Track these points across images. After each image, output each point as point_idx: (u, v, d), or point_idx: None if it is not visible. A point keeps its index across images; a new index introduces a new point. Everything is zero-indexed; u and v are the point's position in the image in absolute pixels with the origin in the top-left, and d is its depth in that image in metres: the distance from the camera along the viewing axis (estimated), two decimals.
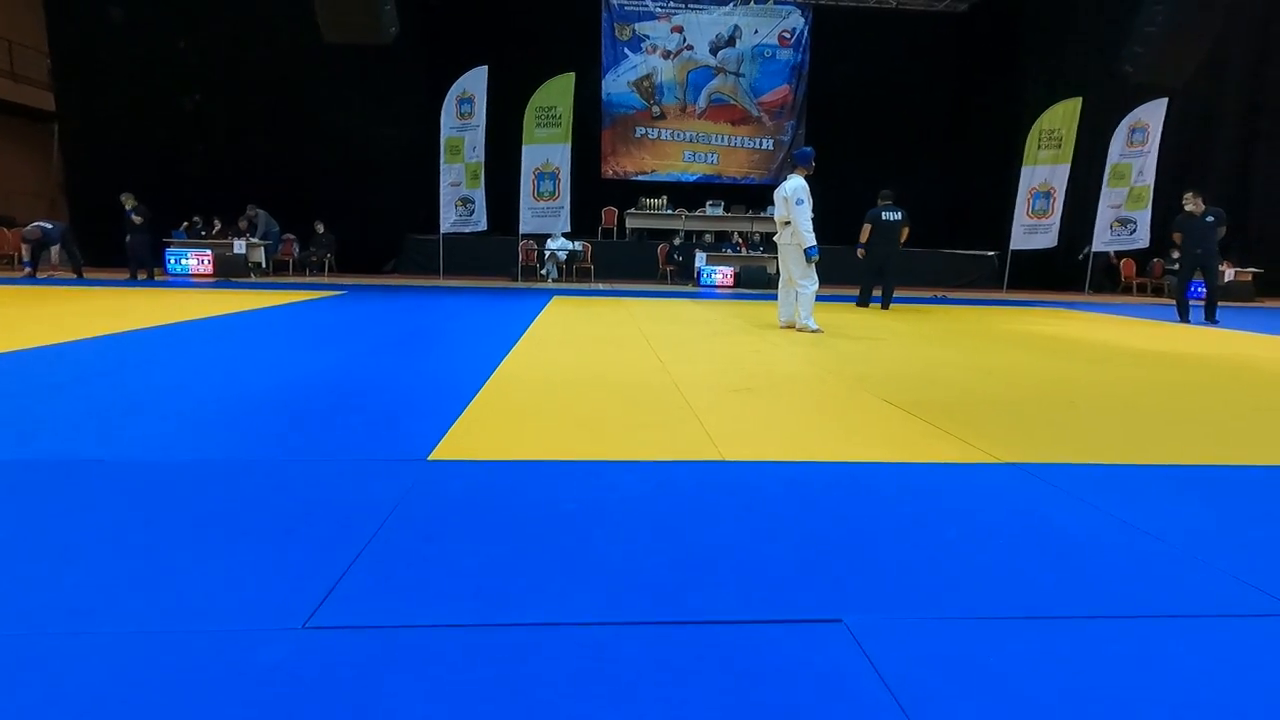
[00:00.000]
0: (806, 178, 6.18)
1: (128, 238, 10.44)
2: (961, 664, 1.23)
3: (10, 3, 15.99)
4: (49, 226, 10.96)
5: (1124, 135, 12.51)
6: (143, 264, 10.54)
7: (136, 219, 10.37)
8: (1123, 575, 1.61)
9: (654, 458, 2.38)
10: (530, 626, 1.32)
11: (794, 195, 6.03)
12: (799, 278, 6.21)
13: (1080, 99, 12.34)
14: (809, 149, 6.46)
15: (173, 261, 11.42)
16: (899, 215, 8.61)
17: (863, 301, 9.18)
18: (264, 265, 12.17)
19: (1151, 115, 12.27)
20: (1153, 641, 1.33)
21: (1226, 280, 12.77)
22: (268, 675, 1.15)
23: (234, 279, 11.08)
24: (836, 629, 1.33)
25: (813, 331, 6.02)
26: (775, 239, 6.49)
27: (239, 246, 11.65)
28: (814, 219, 6.19)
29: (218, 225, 12.26)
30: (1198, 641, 1.33)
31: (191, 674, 1.15)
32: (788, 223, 6.17)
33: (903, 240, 8.78)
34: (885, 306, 8.90)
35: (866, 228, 8.70)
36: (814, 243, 6.08)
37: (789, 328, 6.31)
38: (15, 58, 16.29)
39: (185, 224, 12.06)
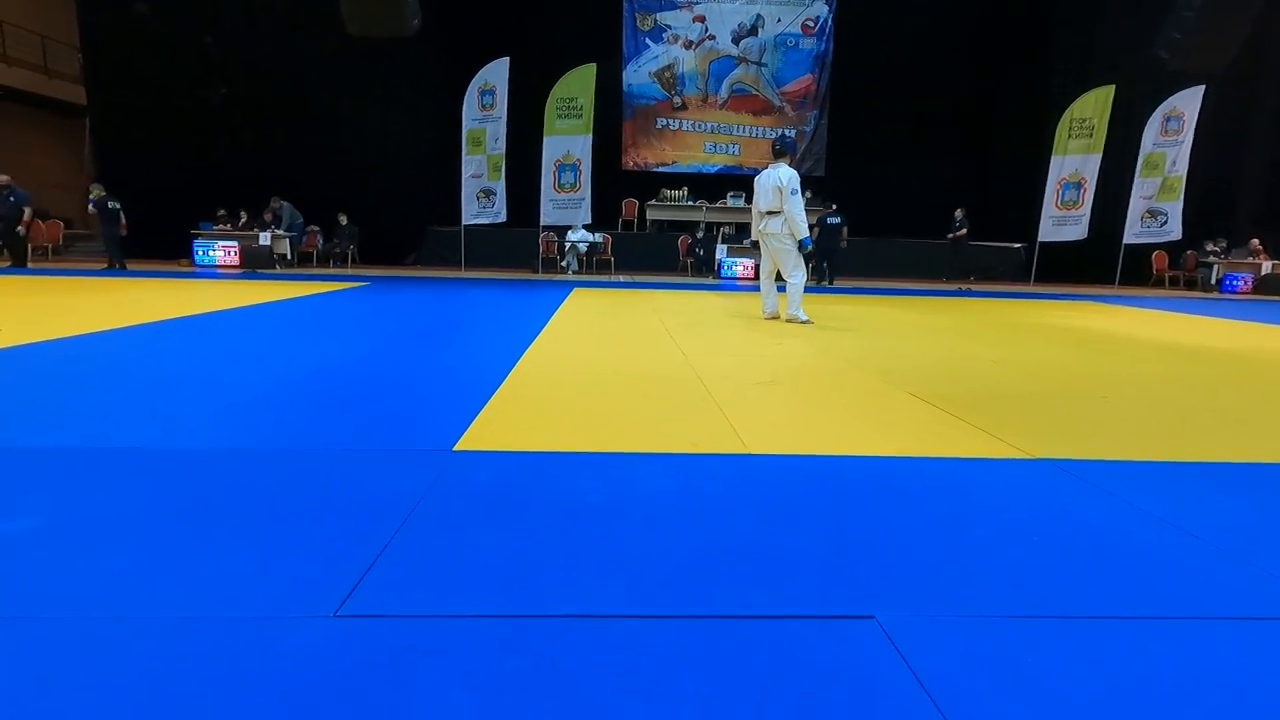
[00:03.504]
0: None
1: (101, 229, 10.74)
2: (997, 664, 1.21)
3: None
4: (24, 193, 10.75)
5: (1158, 124, 12.18)
6: (114, 255, 10.72)
7: (92, 210, 10.64)
8: (1159, 574, 1.57)
9: (678, 450, 2.37)
10: (560, 618, 1.31)
11: (789, 185, 5.87)
12: (790, 268, 6.11)
13: (1113, 86, 12.03)
14: (793, 137, 6.40)
15: (200, 253, 11.61)
16: (838, 220, 11.72)
17: (819, 279, 11.75)
18: (289, 257, 12.32)
19: (1187, 104, 11.93)
20: (1191, 643, 1.30)
21: (1265, 272, 12.46)
22: (299, 663, 1.16)
23: (259, 270, 11.23)
24: (869, 625, 1.31)
25: (802, 322, 5.95)
26: (759, 229, 6.26)
27: (264, 238, 11.80)
28: (834, 209, 6.17)
29: (244, 217, 12.43)
30: (1238, 643, 1.30)
31: (224, 660, 1.16)
32: (773, 213, 6.01)
33: (843, 237, 11.88)
34: (830, 283, 11.65)
35: (816, 229, 11.57)
36: (808, 234, 6.04)
37: (773, 319, 6.24)
38: (48, 53, 16.63)
39: (222, 213, 12.29)
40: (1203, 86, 11.76)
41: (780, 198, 5.92)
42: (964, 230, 12.99)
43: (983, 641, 1.28)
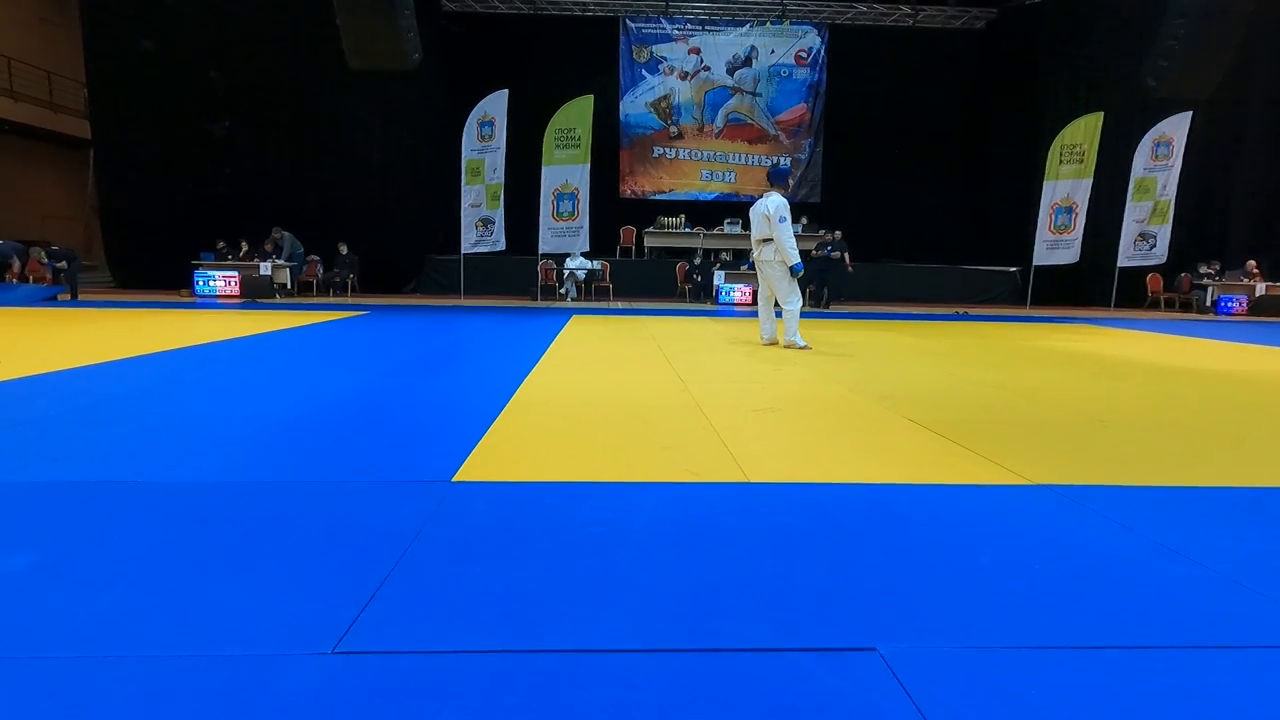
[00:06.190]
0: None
1: None
2: (1001, 696, 1.20)
3: (50, 36, 16.62)
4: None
5: (1148, 149, 12.36)
6: None
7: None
8: (1164, 602, 1.56)
9: (678, 479, 2.37)
10: (559, 653, 1.30)
11: (777, 213, 5.99)
12: (784, 295, 6.18)
13: (1102, 113, 12.24)
14: (786, 166, 6.47)
15: (201, 284, 11.67)
16: (836, 249, 12.39)
17: (816, 303, 12.11)
18: (289, 286, 12.38)
19: (1176, 129, 12.13)
20: (1198, 673, 1.29)
21: (1259, 294, 12.53)
22: (298, 700, 1.15)
23: (260, 300, 11.28)
24: (870, 658, 1.30)
25: (800, 348, 5.99)
26: (754, 257, 6.44)
27: (265, 268, 11.87)
28: (829, 236, 6.20)
29: (245, 247, 12.52)
30: (1245, 673, 1.29)
31: (221, 699, 1.15)
32: (768, 240, 6.13)
33: (848, 262, 12.52)
34: (827, 307, 12.03)
35: (821, 254, 12.32)
36: (799, 259, 6.10)
37: (772, 344, 6.29)
38: (54, 88, 16.90)
39: (222, 245, 12.38)
40: (1190, 112, 11.97)
41: (771, 226, 6.04)
42: (838, 253, 12.84)
43: (986, 673, 1.27)
